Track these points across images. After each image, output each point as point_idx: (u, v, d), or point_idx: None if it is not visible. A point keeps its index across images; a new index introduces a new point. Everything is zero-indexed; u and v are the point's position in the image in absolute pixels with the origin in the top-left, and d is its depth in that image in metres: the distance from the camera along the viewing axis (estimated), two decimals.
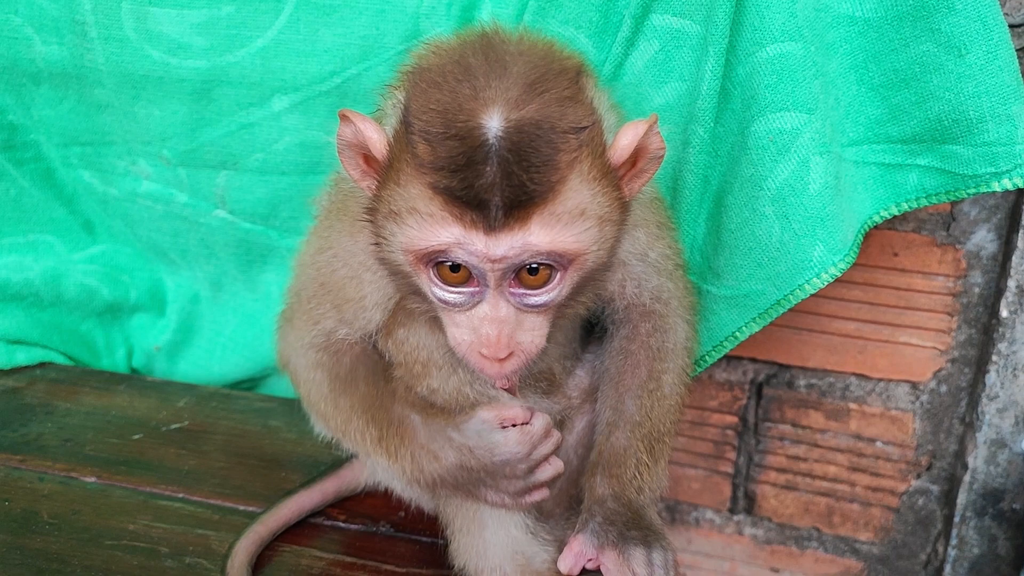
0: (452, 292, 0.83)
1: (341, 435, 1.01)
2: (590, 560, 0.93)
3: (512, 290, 0.82)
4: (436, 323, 0.90)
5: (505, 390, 0.94)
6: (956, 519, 1.52)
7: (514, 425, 0.92)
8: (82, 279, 1.57)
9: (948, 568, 1.56)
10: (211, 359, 1.59)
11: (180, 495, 1.18)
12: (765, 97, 1.09)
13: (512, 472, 0.92)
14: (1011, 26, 1.24)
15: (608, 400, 1.03)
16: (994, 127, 1.07)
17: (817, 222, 1.11)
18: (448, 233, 0.78)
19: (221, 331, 1.59)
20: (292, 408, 1.41)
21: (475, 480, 0.93)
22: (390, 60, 1.24)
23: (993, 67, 1.05)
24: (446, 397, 0.95)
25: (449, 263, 0.81)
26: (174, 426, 1.35)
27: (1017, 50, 1.20)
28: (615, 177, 0.83)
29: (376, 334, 0.99)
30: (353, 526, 1.14)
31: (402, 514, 1.14)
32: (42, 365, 1.52)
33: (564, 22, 1.13)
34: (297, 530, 1.12)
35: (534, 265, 0.81)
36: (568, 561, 0.93)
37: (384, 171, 0.83)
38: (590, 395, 1.08)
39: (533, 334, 0.85)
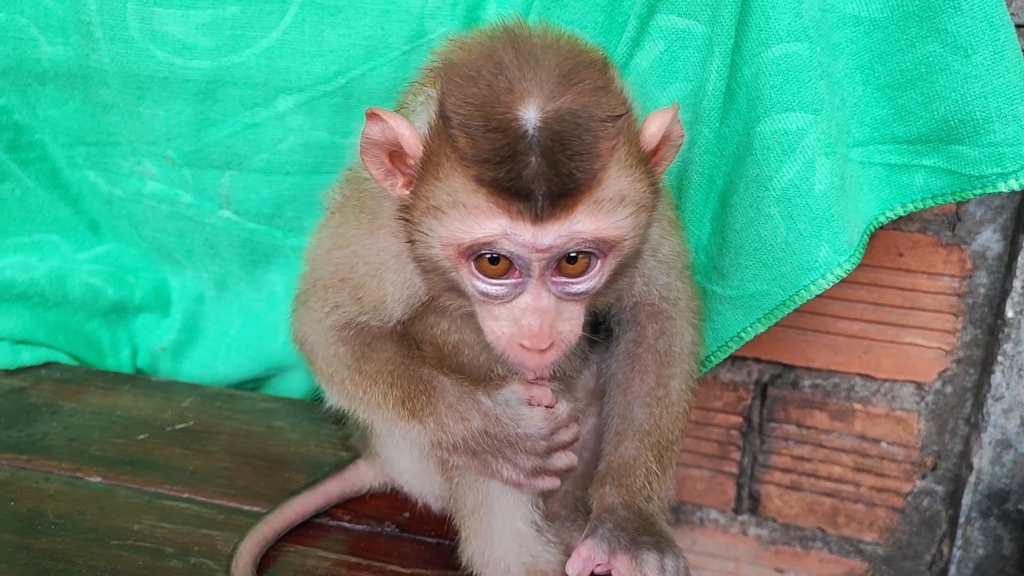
0: (494, 284, 0.83)
1: (361, 402, 0.99)
2: (599, 565, 0.93)
3: (554, 279, 0.83)
4: (470, 316, 0.91)
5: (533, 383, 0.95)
6: (961, 520, 1.52)
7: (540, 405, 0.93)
8: (87, 279, 1.57)
9: (953, 569, 1.55)
10: (216, 359, 1.59)
11: (185, 495, 1.18)
12: (771, 97, 1.08)
13: (532, 448, 0.93)
14: (1018, 26, 1.23)
15: (616, 407, 1.03)
16: (1000, 127, 1.07)
17: (822, 223, 1.10)
18: (495, 224, 0.79)
19: (226, 331, 1.60)
20: (296, 408, 1.42)
21: (495, 449, 0.93)
22: (395, 60, 1.24)
23: (999, 67, 1.05)
24: (476, 376, 0.96)
25: (491, 255, 0.81)
26: (179, 426, 1.35)
27: (1023, 50, 1.20)
28: (648, 164, 0.85)
29: (399, 323, 1.00)
30: (358, 527, 1.14)
31: (407, 515, 1.14)
32: (47, 365, 1.53)
33: (569, 22, 1.13)
34: (302, 530, 1.12)
35: (575, 253, 0.81)
36: (577, 565, 0.93)
37: (421, 167, 0.83)
38: (596, 397, 1.08)
39: (572, 323, 0.85)
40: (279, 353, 1.56)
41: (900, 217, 1.20)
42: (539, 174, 0.76)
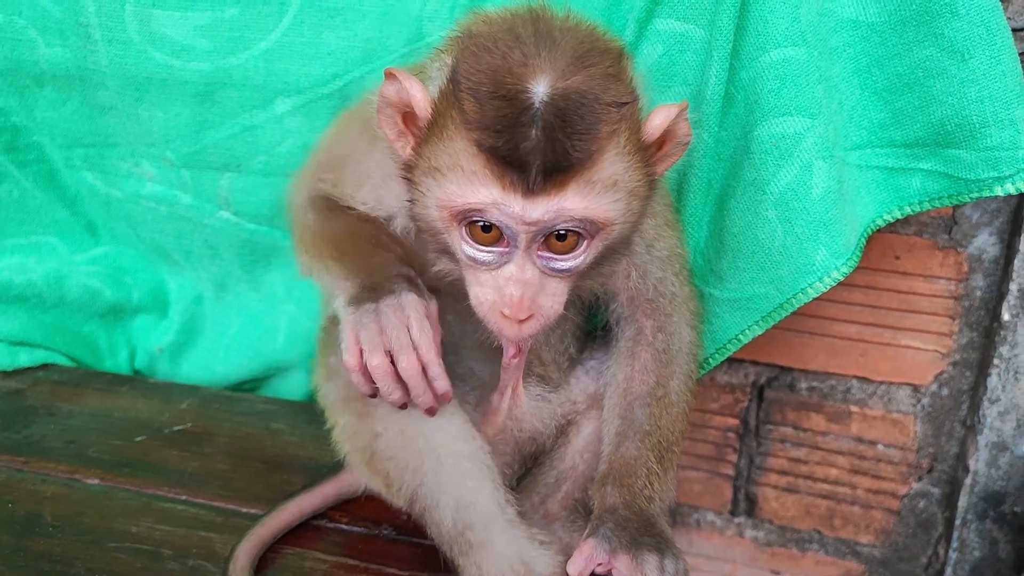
0: (482, 251, 0.84)
1: (315, 260, 1.03)
2: (600, 565, 0.93)
3: (540, 253, 0.84)
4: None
5: (513, 358, 0.95)
6: (957, 522, 1.53)
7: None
8: (85, 280, 1.57)
9: (949, 571, 1.56)
10: (214, 360, 1.59)
11: (183, 497, 1.18)
12: (768, 102, 1.09)
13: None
14: (1014, 30, 1.24)
15: (616, 408, 1.03)
16: (997, 132, 1.07)
17: (820, 226, 1.11)
18: (487, 192, 0.80)
19: (225, 332, 1.60)
20: (295, 410, 1.42)
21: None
22: (393, 63, 1.24)
23: (996, 72, 1.05)
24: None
25: (483, 222, 0.82)
26: (177, 428, 1.35)
27: (1020, 54, 1.20)
28: (647, 154, 0.86)
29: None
30: (355, 529, 1.14)
31: (404, 517, 1.14)
32: (45, 367, 1.52)
33: None
34: (300, 532, 1.12)
35: (563, 231, 0.82)
36: (578, 564, 0.93)
37: (428, 128, 0.85)
38: (596, 401, 1.08)
39: (553, 299, 0.86)
40: (279, 353, 1.56)
41: (897, 220, 1.20)
42: (536, 148, 0.77)
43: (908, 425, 1.54)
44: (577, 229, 0.83)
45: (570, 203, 0.80)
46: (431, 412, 0.94)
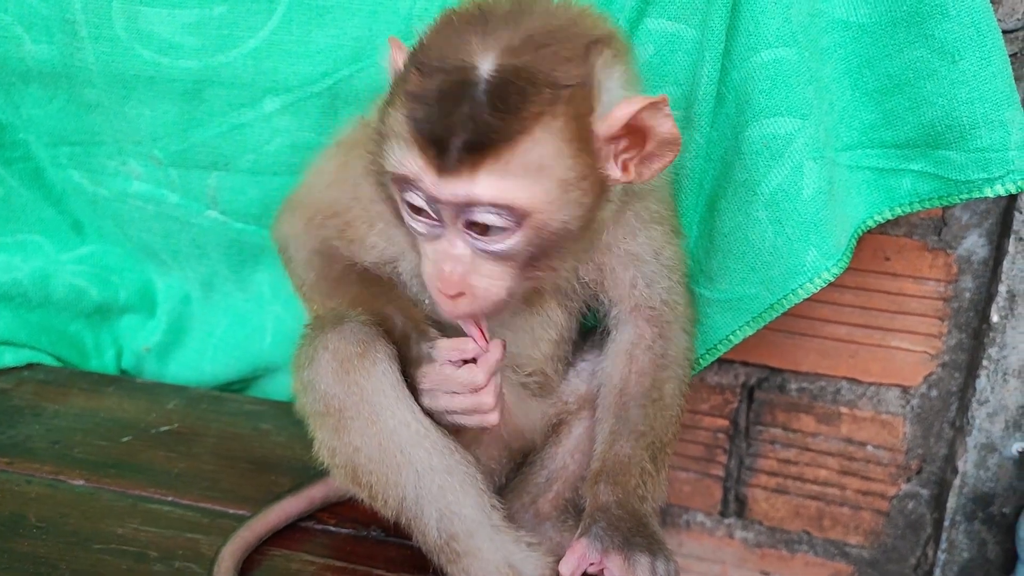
0: (418, 221, 0.84)
1: (319, 307, 1.05)
2: (591, 564, 0.92)
3: (467, 231, 0.82)
4: None
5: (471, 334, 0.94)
6: (946, 523, 1.53)
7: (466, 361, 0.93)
8: (71, 279, 1.56)
9: (937, 572, 1.56)
10: (202, 360, 1.58)
11: (169, 498, 1.17)
12: (759, 102, 1.08)
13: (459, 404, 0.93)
14: (1004, 31, 1.24)
15: (611, 408, 1.03)
16: (987, 133, 1.07)
17: (810, 227, 1.11)
18: (412, 164, 0.80)
19: (212, 332, 1.59)
20: (283, 411, 1.41)
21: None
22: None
23: (986, 73, 1.05)
24: None
25: (410, 194, 0.82)
26: (164, 428, 1.34)
27: (1010, 55, 1.20)
28: (595, 147, 0.82)
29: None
30: (343, 530, 1.13)
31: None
32: (30, 366, 1.51)
33: None
34: (287, 534, 1.11)
35: (477, 217, 0.80)
36: (571, 563, 0.92)
37: (385, 99, 0.85)
38: (588, 402, 1.08)
39: (490, 281, 0.84)
40: (266, 354, 1.55)
41: (887, 221, 1.20)
42: (456, 123, 0.76)
43: (897, 426, 1.55)
44: (492, 214, 0.79)
45: (481, 188, 0.77)
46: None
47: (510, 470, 1.11)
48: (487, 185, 0.77)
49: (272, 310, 1.55)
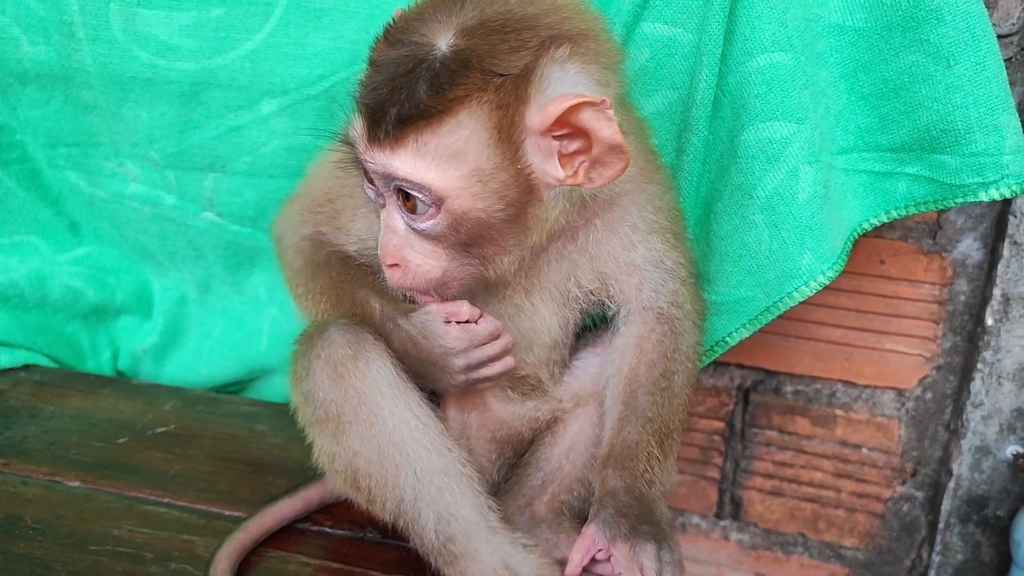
0: (369, 188, 0.88)
1: (309, 313, 1.05)
2: (600, 551, 0.92)
3: (400, 205, 0.86)
4: None
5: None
6: (940, 525, 1.53)
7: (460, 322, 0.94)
8: (67, 281, 1.56)
9: (932, 574, 1.56)
10: (198, 361, 1.58)
11: (165, 500, 1.17)
12: (755, 106, 1.09)
13: (451, 366, 0.95)
14: (999, 36, 1.24)
15: (619, 396, 1.03)
16: (982, 137, 1.08)
17: (806, 230, 1.11)
18: (353, 129, 0.84)
19: (209, 333, 1.59)
20: (279, 412, 1.41)
21: (421, 365, 0.96)
22: None
23: (981, 78, 1.06)
24: None
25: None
26: (160, 430, 1.34)
27: (1005, 60, 1.21)
28: (522, 139, 0.82)
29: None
30: (339, 532, 1.13)
31: None
32: (26, 367, 1.51)
33: None
34: (283, 536, 1.11)
35: (404, 191, 0.83)
36: (581, 549, 0.92)
37: None
38: (582, 400, 1.08)
39: (423, 259, 0.88)
40: (262, 356, 1.55)
41: (882, 225, 1.21)
42: (394, 95, 0.79)
43: (892, 429, 1.55)
44: (411, 191, 0.82)
45: (400, 161, 0.80)
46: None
47: (502, 468, 1.11)
48: (404, 161, 0.80)
49: (268, 312, 1.55)
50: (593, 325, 1.12)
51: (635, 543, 0.91)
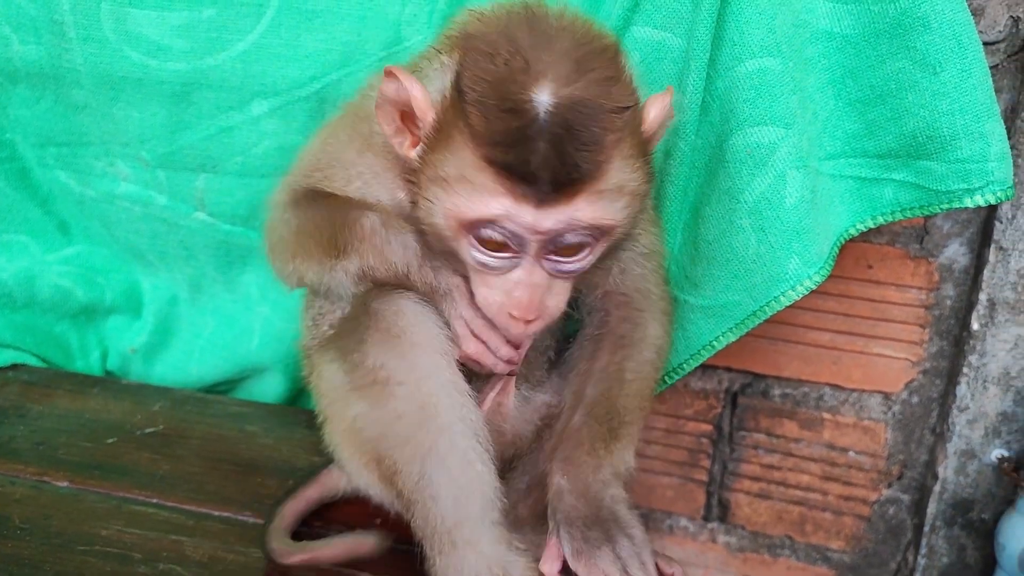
0: (492, 256, 0.87)
1: (295, 259, 1.02)
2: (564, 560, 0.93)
3: (547, 257, 0.86)
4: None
5: (509, 373, 1.00)
6: (926, 528, 1.54)
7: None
8: (56, 280, 1.55)
9: None
10: (189, 361, 1.58)
11: (154, 500, 1.17)
12: (743, 111, 1.09)
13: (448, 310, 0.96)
14: (986, 43, 1.25)
15: (571, 387, 1.04)
16: (967, 144, 1.09)
17: (793, 235, 1.12)
18: (499, 205, 0.82)
19: (199, 333, 1.59)
20: (269, 413, 1.42)
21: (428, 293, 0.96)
22: (371, 67, 1.24)
23: (967, 85, 1.07)
24: None
25: (492, 232, 0.84)
26: (149, 430, 1.34)
27: (991, 67, 1.22)
28: (647, 149, 0.88)
29: None
30: (328, 533, 1.13)
31: (378, 522, 1.13)
32: (14, 367, 1.51)
33: None
34: None
35: (573, 239, 0.85)
36: (548, 564, 0.93)
37: (433, 135, 0.86)
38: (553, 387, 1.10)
39: (559, 299, 0.90)
40: (253, 355, 1.55)
41: (869, 229, 1.22)
42: (546, 161, 0.79)
43: (879, 432, 1.56)
44: (586, 236, 0.85)
45: (581, 213, 0.83)
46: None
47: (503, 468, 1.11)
48: (585, 211, 0.83)
49: (260, 311, 1.55)
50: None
51: (590, 554, 0.91)
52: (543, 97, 0.79)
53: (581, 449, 0.98)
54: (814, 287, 1.14)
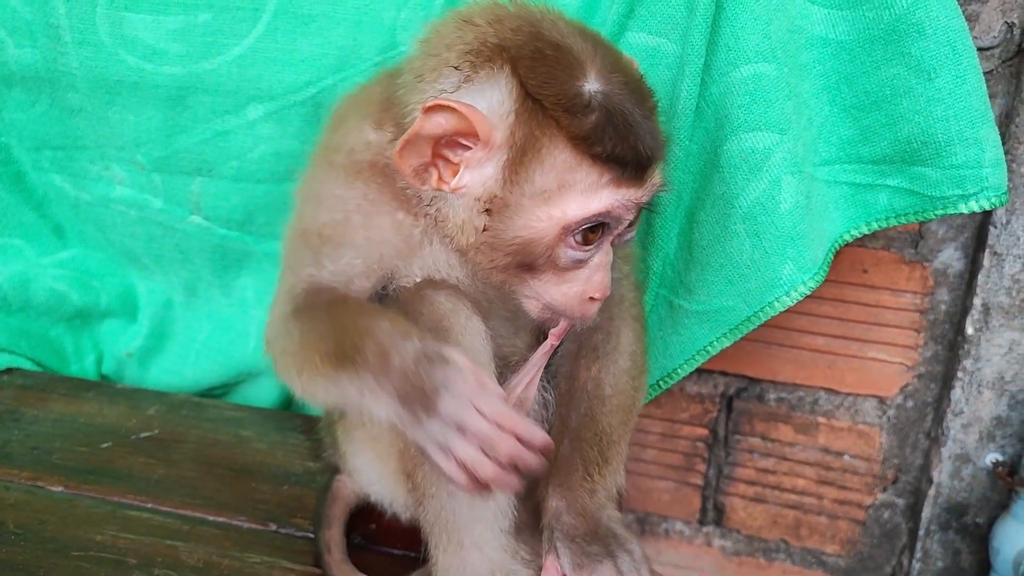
0: (586, 251, 0.88)
1: (302, 367, 0.91)
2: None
3: (618, 232, 0.90)
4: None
5: (557, 339, 0.99)
6: (921, 532, 1.55)
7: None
8: (51, 284, 1.55)
9: None
10: (184, 364, 1.58)
11: (149, 505, 1.17)
12: (738, 117, 1.10)
13: (435, 407, 0.80)
14: (980, 49, 1.26)
15: (557, 409, 1.03)
16: (962, 150, 1.09)
17: (787, 241, 1.12)
18: (612, 195, 0.84)
19: (195, 336, 1.58)
20: (264, 418, 1.41)
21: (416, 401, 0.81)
22: (367, 71, 1.24)
23: (962, 91, 1.07)
24: None
25: (596, 224, 0.86)
26: (144, 434, 1.34)
27: (986, 73, 1.22)
28: None
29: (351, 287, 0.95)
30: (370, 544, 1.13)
31: (373, 526, 1.14)
32: (9, 371, 1.50)
33: None
34: (267, 541, 1.12)
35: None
36: None
37: (513, 154, 0.84)
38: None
39: (610, 271, 0.93)
40: (249, 358, 1.55)
41: (865, 234, 1.22)
42: (640, 141, 0.83)
43: (874, 436, 1.56)
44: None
45: (658, 177, 0.88)
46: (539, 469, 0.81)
47: None
48: (660, 173, 0.89)
49: (256, 315, 1.55)
50: None
51: (591, 568, 0.92)
52: (601, 86, 0.82)
53: (576, 475, 0.98)
54: (809, 293, 1.15)
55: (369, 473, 1.09)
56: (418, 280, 0.95)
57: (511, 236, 0.86)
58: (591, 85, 0.82)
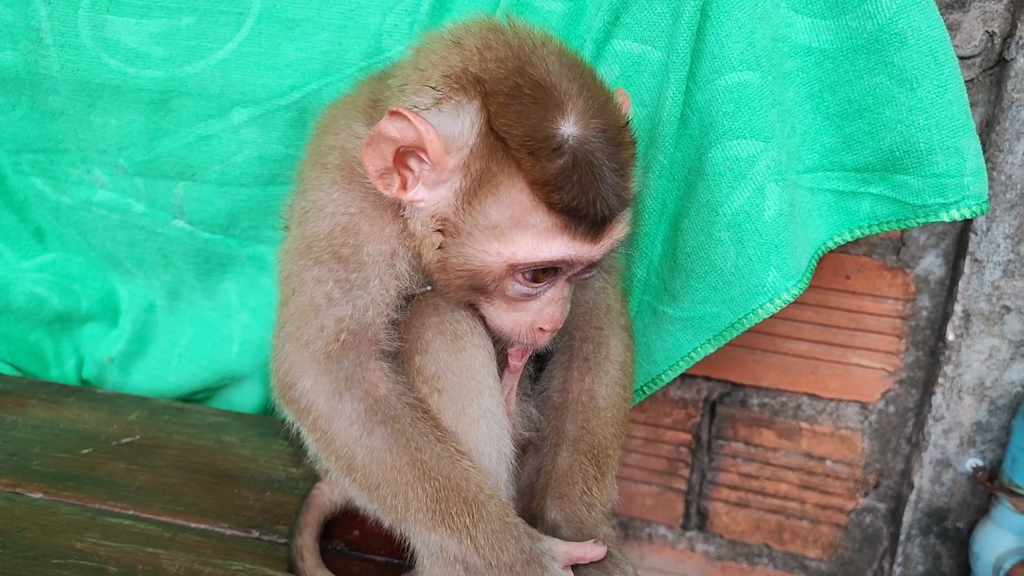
0: (536, 287, 0.89)
1: (366, 483, 0.91)
2: None
3: (578, 272, 0.91)
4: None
5: (519, 361, 1.01)
6: (902, 537, 1.56)
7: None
8: (31, 288, 1.54)
9: None
10: (167, 369, 1.57)
11: (130, 512, 1.16)
12: (723, 124, 1.10)
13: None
14: (962, 58, 1.27)
15: (550, 420, 1.04)
16: (943, 159, 1.10)
17: (771, 248, 1.13)
18: (561, 245, 0.85)
19: (177, 341, 1.57)
20: (247, 423, 1.40)
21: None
22: (352, 76, 1.24)
23: (943, 101, 1.08)
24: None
25: (548, 268, 0.87)
26: (125, 440, 1.32)
27: (967, 81, 1.23)
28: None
29: (386, 316, 0.94)
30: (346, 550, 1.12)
31: (356, 532, 1.13)
32: None
33: None
34: (250, 547, 1.11)
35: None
36: None
37: (472, 184, 0.84)
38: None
39: (568, 303, 0.94)
40: (232, 363, 1.54)
41: (847, 241, 1.23)
42: (602, 197, 0.83)
43: (856, 442, 1.57)
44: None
45: (619, 233, 0.88)
46: None
47: None
48: (621, 231, 0.89)
49: (240, 318, 1.54)
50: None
51: None
52: (578, 131, 0.81)
53: (575, 489, 0.99)
54: (792, 300, 1.15)
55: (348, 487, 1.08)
56: (429, 288, 0.97)
57: (461, 262, 0.88)
58: (566, 129, 0.81)
